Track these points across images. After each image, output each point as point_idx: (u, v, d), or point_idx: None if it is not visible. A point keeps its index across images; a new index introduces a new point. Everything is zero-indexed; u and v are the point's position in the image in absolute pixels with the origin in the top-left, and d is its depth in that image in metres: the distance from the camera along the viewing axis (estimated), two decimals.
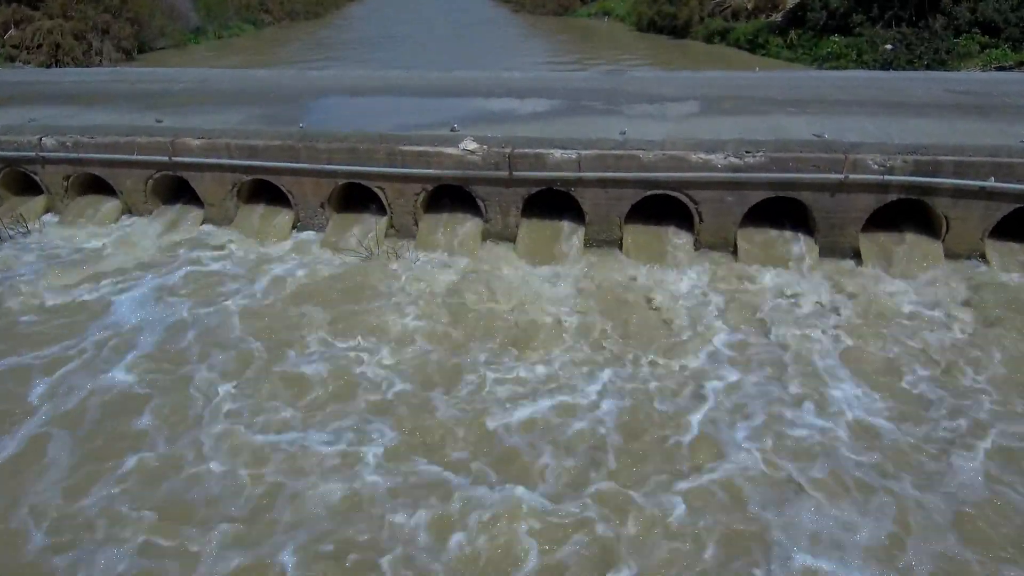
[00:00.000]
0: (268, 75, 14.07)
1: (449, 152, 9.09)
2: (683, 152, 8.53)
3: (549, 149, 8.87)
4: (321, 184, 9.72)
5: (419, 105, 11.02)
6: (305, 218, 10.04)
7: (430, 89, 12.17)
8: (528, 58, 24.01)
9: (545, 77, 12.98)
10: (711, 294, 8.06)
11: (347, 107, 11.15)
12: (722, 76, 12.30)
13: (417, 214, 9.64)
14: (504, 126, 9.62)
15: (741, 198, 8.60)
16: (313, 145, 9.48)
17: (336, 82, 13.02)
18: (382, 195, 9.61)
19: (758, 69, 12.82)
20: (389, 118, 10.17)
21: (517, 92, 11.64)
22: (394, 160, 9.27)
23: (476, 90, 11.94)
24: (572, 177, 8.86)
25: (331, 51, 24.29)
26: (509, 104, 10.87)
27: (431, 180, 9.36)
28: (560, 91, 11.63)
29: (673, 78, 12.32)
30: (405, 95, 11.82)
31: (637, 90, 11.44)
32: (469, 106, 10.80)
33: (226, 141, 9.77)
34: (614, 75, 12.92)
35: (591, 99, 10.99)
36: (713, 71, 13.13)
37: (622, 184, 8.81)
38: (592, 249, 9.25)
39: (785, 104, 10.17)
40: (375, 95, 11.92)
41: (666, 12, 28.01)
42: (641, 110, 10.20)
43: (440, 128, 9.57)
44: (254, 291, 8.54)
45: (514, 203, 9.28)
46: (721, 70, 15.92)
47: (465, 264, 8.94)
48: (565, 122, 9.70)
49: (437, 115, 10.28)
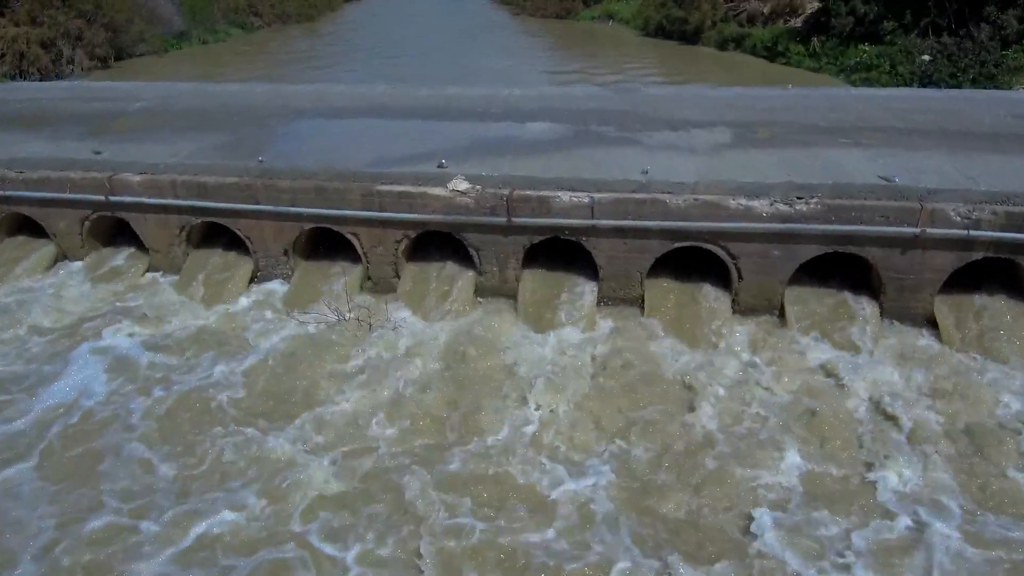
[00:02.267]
0: (239, 91, 12.55)
1: (436, 193, 7.57)
2: (719, 197, 7.01)
3: (556, 191, 7.35)
4: (284, 229, 8.20)
5: (404, 130, 9.49)
6: (266, 267, 8.52)
7: (418, 109, 10.66)
8: (529, 66, 22.41)
9: (548, 95, 11.49)
10: (761, 378, 6.49)
11: (321, 133, 9.62)
12: (752, 95, 10.80)
13: (398, 264, 8.13)
14: (501, 160, 8.09)
15: (790, 253, 7.07)
16: (274, 184, 7.95)
17: (313, 100, 11.50)
18: (356, 242, 8.09)
19: (791, 86, 11.31)
20: (368, 148, 8.65)
21: (516, 114, 10.12)
22: (370, 202, 7.75)
23: (470, 111, 10.42)
24: (584, 225, 7.34)
25: (319, 59, 22.72)
26: (507, 130, 9.35)
27: (415, 226, 7.84)
28: (566, 113, 10.12)
29: (695, 96, 10.81)
30: (389, 117, 10.30)
31: (655, 112, 9.93)
32: (461, 132, 9.28)
33: (171, 178, 8.25)
34: (627, 92, 11.42)
35: (602, 123, 9.47)
36: (740, 88, 11.64)
37: (645, 234, 7.29)
38: (608, 308, 7.73)
39: (833, 133, 8.64)
40: (355, 117, 10.40)
41: (675, 16, 26.46)
42: (662, 139, 8.68)
43: (426, 162, 8.06)
44: (168, 400, 6.61)
45: (514, 254, 7.76)
46: (748, 86, 14.38)
47: (454, 332, 7.40)
48: (573, 154, 8.18)
49: (424, 144, 8.77)
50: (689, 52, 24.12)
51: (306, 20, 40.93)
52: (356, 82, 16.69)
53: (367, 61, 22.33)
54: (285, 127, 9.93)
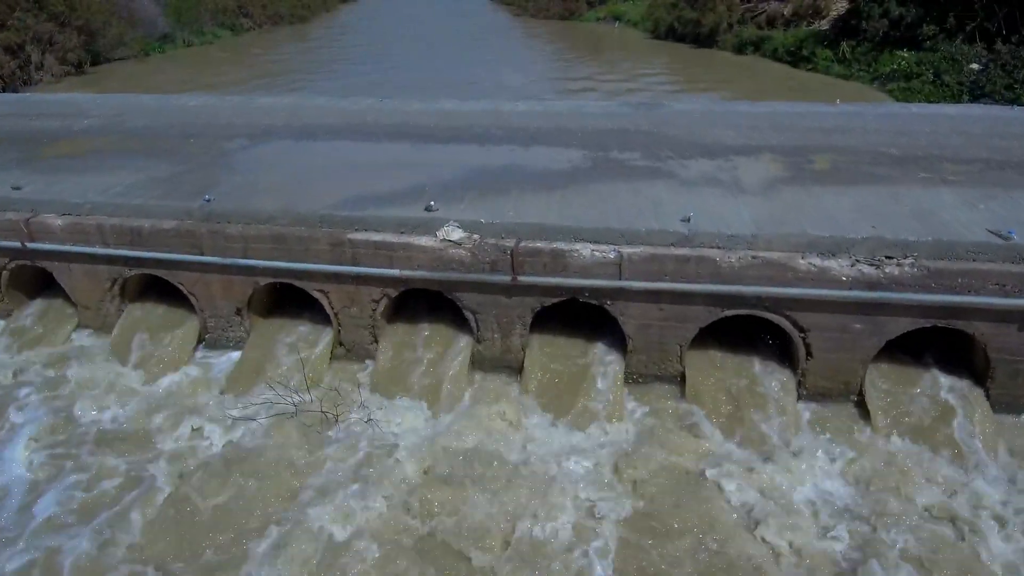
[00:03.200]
0: (203, 106, 11.02)
1: (423, 244, 6.04)
2: (786, 255, 5.47)
3: (573, 244, 5.81)
4: (235, 284, 6.67)
5: (388, 157, 7.94)
6: (216, 328, 6.98)
7: (406, 129, 9.13)
8: (532, 73, 20.83)
9: (557, 111, 9.96)
10: (854, 510, 4.91)
11: (287, 161, 8.08)
12: (795, 112, 9.26)
13: (377, 328, 6.59)
14: (504, 198, 6.55)
15: (876, 327, 5.53)
16: (221, 230, 6.42)
17: (285, 117, 9.97)
18: (325, 301, 6.56)
19: (839, 101, 9.77)
20: (342, 181, 7.12)
21: (521, 136, 8.59)
22: (341, 254, 6.22)
23: (466, 131, 8.89)
24: (609, 287, 5.81)
25: (306, 63, 21.14)
26: (511, 156, 7.81)
27: (396, 283, 6.31)
28: (580, 134, 8.59)
29: (730, 114, 9.27)
30: (372, 138, 8.77)
31: (686, 134, 8.39)
32: (455, 159, 7.75)
33: (99, 221, 6.72)
34: (649, 108, 9.89)
35: (624, 148, 7.94)
36: (778, 103, 10.10)
37: (687, 299, 5.75)
38: (638, 387, 6.20)
39: (907, 164, 7.11)
40: (332, 138, 8.87)
41: (687, 18, 24.91)
42: (700, 170, 7.14)
43: (412, 201, 6.52)
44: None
45: (519, 318, 6.23)
46: (775, 95, 12.83)
47: (445, 424, 5.86)
48: (592, 191, 6.65)
49: (411, 175, 7.23)
50: (704, 56, 22.56)
51: (299, 21, 39.28)
52: (343, 91, 15.13)
53: (358, 67, 20.77)
54: (246, 152, 8.38)
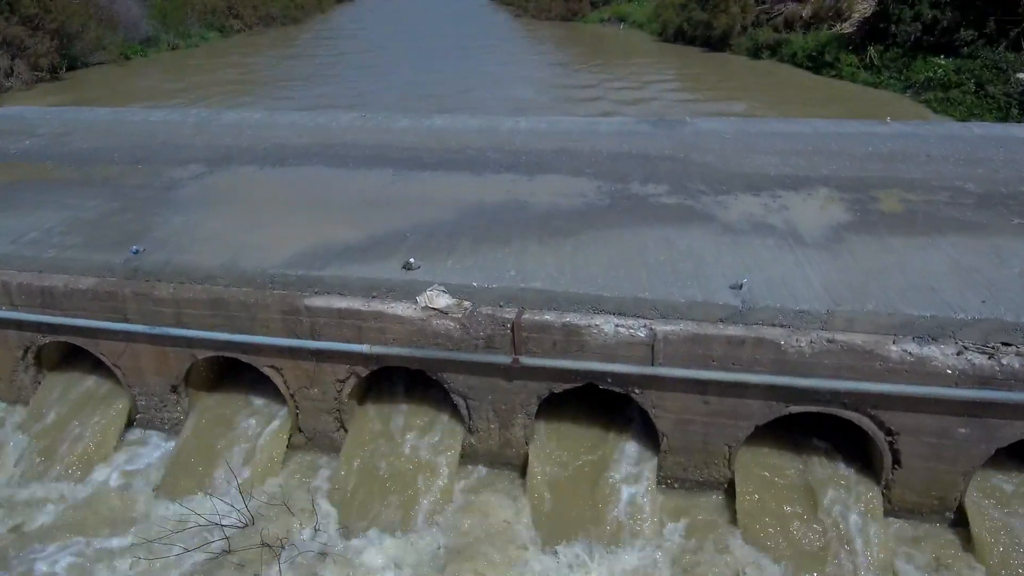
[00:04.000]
0: (161, 122, 9.71)
1: (399, 313, 4.75)
2: (872, 340, 4.17)
3: (592, 318, 4.52)
4: (168, 357, 5.37)
5: (364, 189, 6.63)
6: (148, 408, 5.68)
7: (390, 152, 7.84)
8: (534, 79, 19.52)
9: (566, 129, 8.67)
10: None
11: (243, 195, 6.77)
12: (842, 132, 7.96)
13: (343, 412, 5.29)
14: (503, 248, 5.25)
15: (986, 432, 4.23)
16: (148, 292, 5.13)
17: (253, 136, 8.68)
18: (279, 380, 5.27)
19: (890, 119, 8.47)
20: (305, 224, 5.82)
21: (524, 161, 7.30)
22: (297, 325, 4.93)
23: (460, 155, 7.60)
24: (639, 374, 4.51)
25: (294, 69, 19.80)
26: (512, 188, 6.51)
27: (366, 361, 5.02)
28: (593, 159, 7.29)
29: (766, 134, 7.96)
30: (348, 164, 7.47)
31: (719, 160, 7.09)
32: (445, 193, 6.45)
33: (4, 278, 5.43)
34: (671, 127, 8.58)
35: (647, 179, 6.64)
36: (820, 122, 8.78)
37: (741, 391, 4.45)
38: (672, 494, 4.90)
39: (995, 204, 5.80)
40: (301, 163, 7.57)
41: (698, 20, 23.63)
42: (743, 210, 5.84)
43: (387, 254, 5.23)
44: None
45: (522, 406, 4.94)
46: (808, 108, 11.56)
47: (425, 550, 4.56)
48: (612, 238, 5.35)
49: (389, 216, 5.94)
50: (717, 61, 21.27)
51: (292, 23, 37.91)
52: (329, 100, 13.79)
53: (348, 73, 19.48)
54: (197, 183, 7.08)
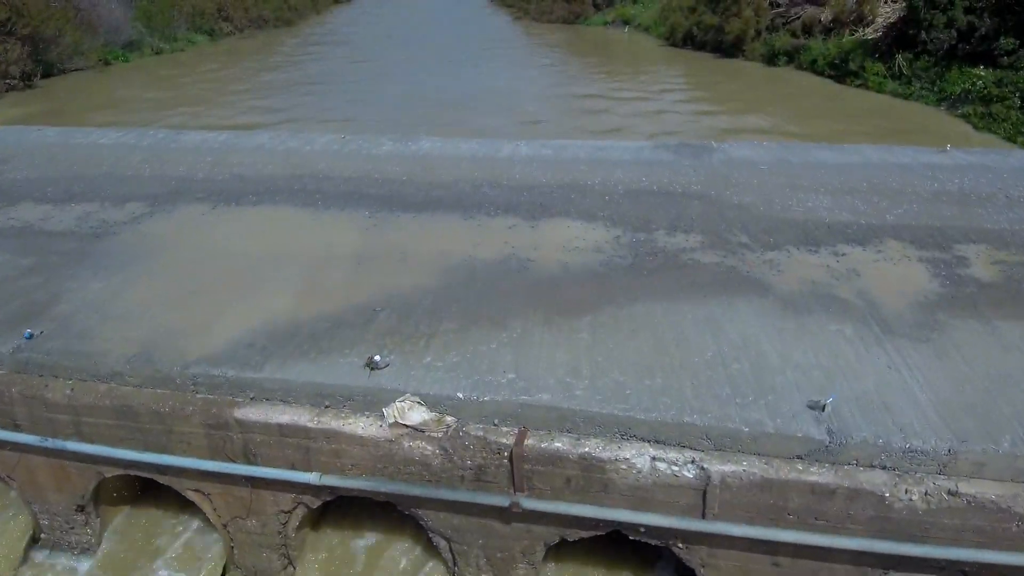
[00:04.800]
0: (117, 143, 8.51)
1: (360, 433, 3.56)
2: (1008, 493, 2.99)
3: (618, 450, 3.32)
4: (70, 473, 4.18)
5: (330, 240, 5.42)
6: (52, 528, 4.49)
7: (367, 187, 6.64)
8: (535, 87, 18.29)
9: (572, 156, 7.47)
10: None
11: (182, 249, 5.56)
12: (898, 162, 6.76)
13: (290, 547, 4.09)
14: (497, 338, 4.04)
15: None
16: (40, 395, 3.93)
17: (212, 163, 7.48)
18: (207, 508, 4.06)
19: (950, 147, 7.27)
20: (249, 294, 4.62)
21: (526, 200, 6.10)
22: (226, 443, 3.73)
23: (449, 191, 6.41)
24: (685, 529, 3.32)
25: (278, 77, 18.60)
26: (509, 239, 5.32)
27: (317, 492, 3.82)
28: (607, 197, 6.10)
29: (814, 167, 6.74)
30: (316, 204, 6.27)
31: (761, 200, 5.89)
32: (427, 247, 5.25)
33: None
34: (697, 153, 7.37)
35: (676, 225, 5.45)
36: (871, 148, 7.57)
37: (826, 555, 3.26)
38: None
39: None
40: (260, 202, 6.37)
41: (708, 24, 22.43)
42: (801, 275, 4.64)
43: (348, 341, 4.03)
44: None
45: (524, 555, 3.73)
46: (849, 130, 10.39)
47: None
48: (640, 321, 4.14)
49: (356, 281, 4.74)
50: (730, 68, 20.06)
51: (284, 25, 36.65)
52: (313, 112, 12.53)
53: (336, 82, 18.29)
54: (131, 231, 5.87)
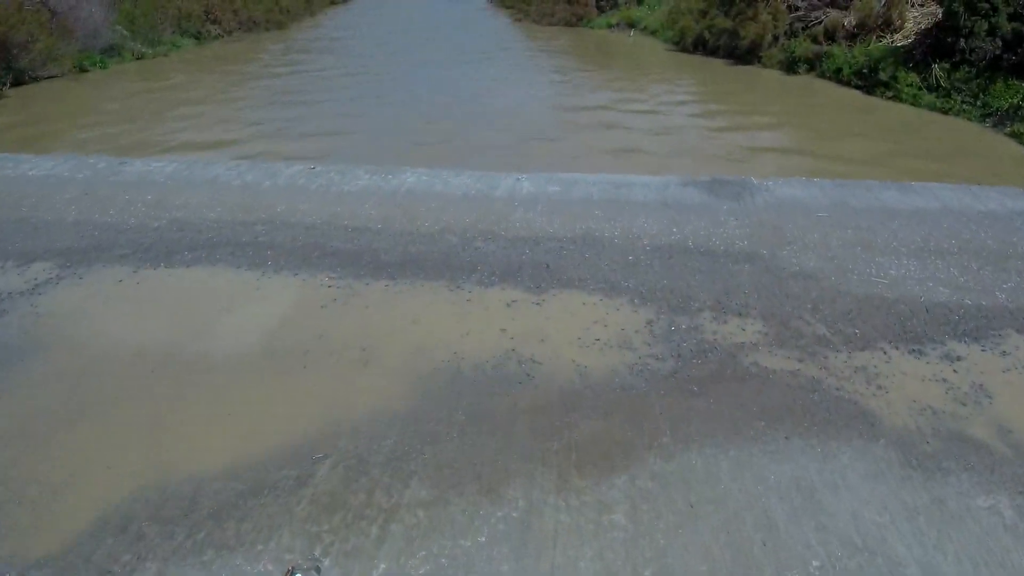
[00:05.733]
0: (48, 176, 7.22)
1: None
2: None
3: None
4: None
5: (266, 332, 4.14)
6: None
7: (332, 237, 5.36)
8: (536, 96, 16.84)
9: (584, 193, 6.18)
10: None
11: (65, 353, 4.28)
12: (986, 210, 5.51)
13: None
14: (489, 521, 2.77)
15: None
16: None
17: (150, 206, 6.21)
18: None
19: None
20: (139, 428, 3.35)
21: (528, 260, 4.83)
22: None
23: (433, 248, 5.13)
24: None
25: (260, 85, 17.22)
26: (508, 327, 4.03)
27: None
28: (631, 255, 4.84)
29: (881, 213, 5.46)
30: (263, 266, 4.99)
31: (827, 264, 4.62)
32: (399, 339, 3.97)
33: None
34: (736, 192, 6.07)
35: (723, 301, 4.18)
36: (945, 188, 6.30)
37: None
38: None
39: None
40: (194, 263, 5.08)
41: (721, 28, 21.05)
42: (911, 397, 3.35)
43: (264, 530, 2.75)
44: None
45: None
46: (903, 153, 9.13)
47: None
48: (696, 485, 2.87)
49: (291, 410, 3.47)
50: (747, 76, 18.73)
51: (276, 27, 35.27)
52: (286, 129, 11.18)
53: (324, 91, 16.91)
54: (19, 314, 4.58)
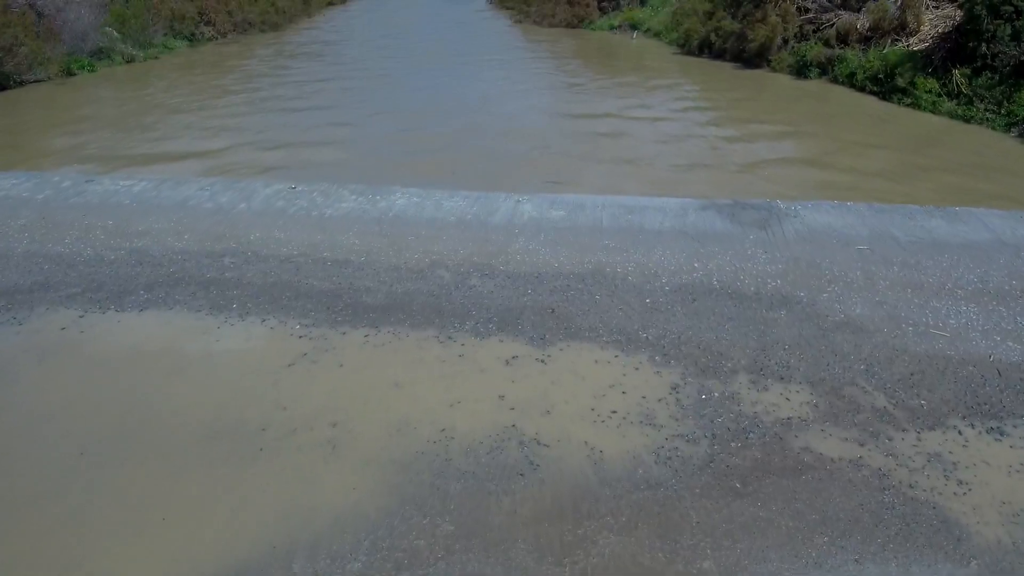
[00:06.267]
0: (4, 199, 6.59)
1: None
2: None
3: None
4: None
5: (217, 406, 3.49)
6: None
7: (307, 274, 4.73)
8: (537, 103, 16.20)
9: (592, 219, 5.54)
10: None
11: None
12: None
13: None
14: None
15: None
16: None
17: (111, 233, 5.57)
18: None
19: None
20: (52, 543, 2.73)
21: (530, 304, 4.20)
22: None
23: (421, 287, 4.50)
24: None
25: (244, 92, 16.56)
26: (507, 392, 3.39)
27: None
28: (648, 298, 4.20)
29: (929, 247, 4.82)
30: (226, 310, 4.34)
31: (875, 311, 3.99)
32: (372, 408, 3.33)
33: None
34: (762, 217, 5.43)
35: (759, 361, 3.55)
36: (992, 214, 5.64)
37: None
38: None
39: None
40: (147, 306, 4.43)
41: (728, 30, 20.46)
42: (997, 499, 2.72)
43: None
44: None
45: None
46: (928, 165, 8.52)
47: None
48: None
49: (238, 511, 2.83)
50: (755, 81, 18.08)
51: (271, 29, 34.64)
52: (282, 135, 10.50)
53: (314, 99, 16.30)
54: None
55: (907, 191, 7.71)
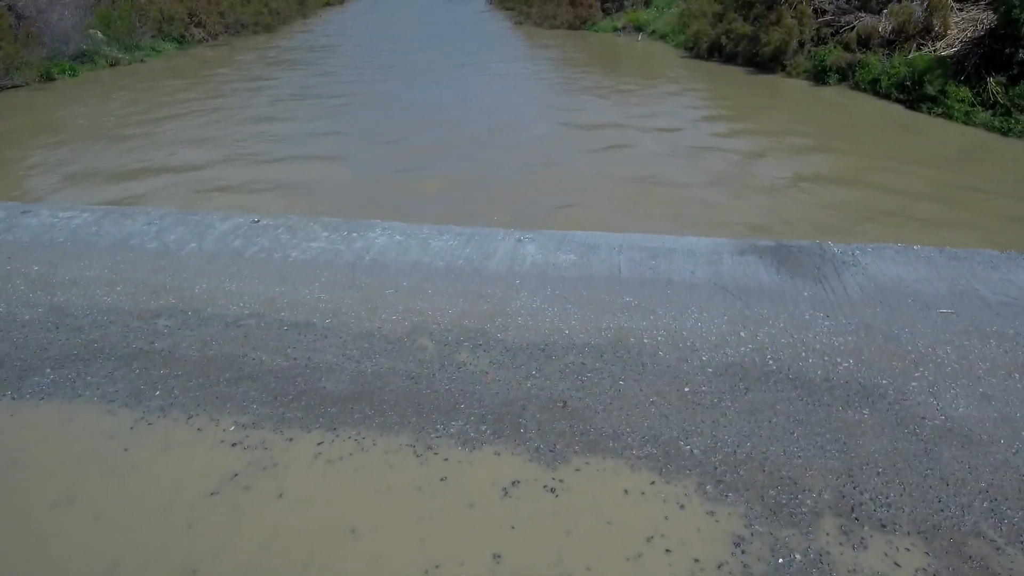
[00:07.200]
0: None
1: None
2: None
3: None
4: None
5: (107, 560, 2.57)
6: None
7: (257, 344, 3.79)
8: (537, 111, 15.25)
9: (609, 265, 4.58)
10: None
11: None
12: None
13: None
14: None
15: None
16: None
17: (33, 281, 4.64)
18: None
19: None
20: None
21: (535, 385, 3.27)
22: None
23: (399, 366, 3.55)
24: None
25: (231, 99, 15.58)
26: (505, 552, 2.47)
27: None
28: (686, 386, 3.27)
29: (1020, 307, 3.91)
30: (138, 398, 3.41)
31: (982, 411, 3.06)
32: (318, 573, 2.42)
33: None
34: (813, 268, 4.49)
35: (846, 495, 2.61)
36: None
37: None
38: None
39: None
40: (51, 390, 3.49)
41: (740, 32, 19.52)
42: None
43: None
44: None
45: None
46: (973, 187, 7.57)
47: None
48: None
49: None
50: (771, 87, 17.10)
51: (263, 30, 33.70)
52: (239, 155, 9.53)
53: (302, 105, 15.31)
54: None
55: (965, 219, 6.75)
